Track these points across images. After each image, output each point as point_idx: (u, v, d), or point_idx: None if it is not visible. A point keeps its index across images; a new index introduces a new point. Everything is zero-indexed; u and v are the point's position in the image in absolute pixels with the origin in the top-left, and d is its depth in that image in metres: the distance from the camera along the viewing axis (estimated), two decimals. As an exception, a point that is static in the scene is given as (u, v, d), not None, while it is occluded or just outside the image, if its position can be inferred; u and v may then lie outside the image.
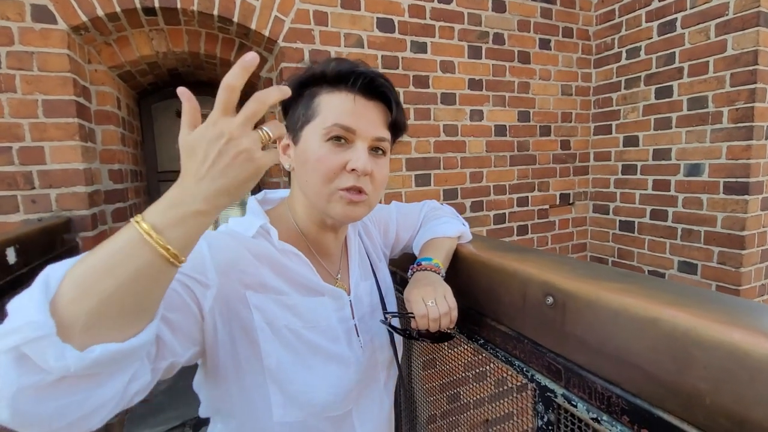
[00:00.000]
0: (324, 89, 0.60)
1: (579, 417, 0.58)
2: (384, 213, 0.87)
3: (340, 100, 0.59)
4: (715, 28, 1.95)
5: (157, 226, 0.39)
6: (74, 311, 0.36)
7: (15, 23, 1.45)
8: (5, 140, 1.47)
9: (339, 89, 0.59)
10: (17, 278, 1.17)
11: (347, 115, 0.58)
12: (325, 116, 0.59)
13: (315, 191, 0.60)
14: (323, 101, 0.60)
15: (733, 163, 1.94)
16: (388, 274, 0.84)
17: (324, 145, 0.58)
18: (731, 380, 0.40)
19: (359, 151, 0.58)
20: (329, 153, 0.58)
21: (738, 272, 1.94)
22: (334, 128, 0.58)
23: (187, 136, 0.41)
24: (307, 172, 0.60)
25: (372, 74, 0.59)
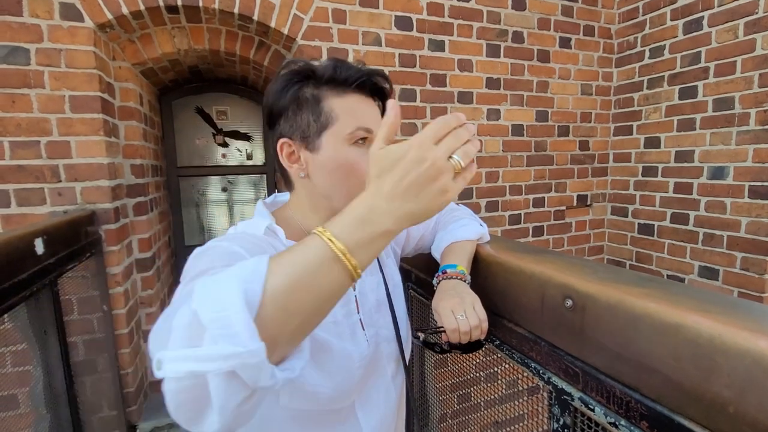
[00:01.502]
0: (329, 93, 0.60)
1: (596, 421, 0.57)
2: None
3: (354, 103, 0.60)
4: (744, 26, 1.89)
5: (349, 247, 0.39)
6: (280, 333, 0.37)
7: (44, 21, 1.50)
8: (34, 135, 1.52)
9: (346, 92, 0.60)
10: (45, 267, 1.21)
11: (367, 118, 0.60)
12: (344, 121, 0.60)
13: (350, 195, 0.49)
14: (335, 105, 0.60)
15: (760, 166, 1.88)
16: (397, 272, 0.84)
17: (351, 149, 0.60)
18: (757, 389, 0.39)
19: None
20: (362, 155, 0.60)
21: (762, 279, 1.88)
22: (358, 132, 0.60)
23: (382, 149, 0.42)
24: (339, 177, 0.61)
25: (375, 74, 0.61)
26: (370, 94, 0.63)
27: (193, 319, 0.35)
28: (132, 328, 1.79)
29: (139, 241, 1.90)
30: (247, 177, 2.75)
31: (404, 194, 0.40)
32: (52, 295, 1.31)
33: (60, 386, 1.37)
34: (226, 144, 2.67)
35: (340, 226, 0.40)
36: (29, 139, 1.52)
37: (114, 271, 1.68)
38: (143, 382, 1.89)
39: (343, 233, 0.40)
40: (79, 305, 1.60)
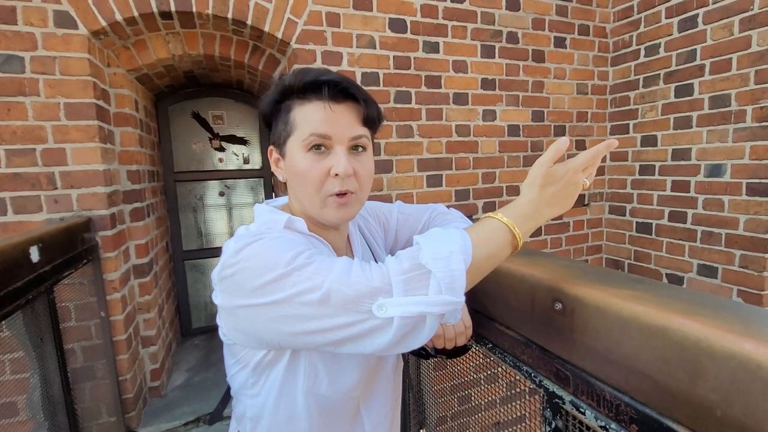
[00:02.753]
0: (296, 102, 0.63)
1: (587, 424, 0.57)
2: (385, 210, 0.88)
3: (312, 110, 0.61)
4: (739, 23, 1.89)
5: (521, 227, 0.57)
6: (468, 286, 0.53)
7: (38, 29, 1.50)
8: (29, 142, 1.52)
9: (309, 99, 0.62)
10: (40, 275, 1.21)
11: (321, 124, 0.61)
12: (302, 128, 0.62)
13: (308, 200, 0.64)
14: (298, 114, 0.62)
15: (757, 163, 1.88)
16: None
17: (306, 155, 0.62)
18: (743, 392, 0.39)
19: (339, 156, 0.61)
20: (313, 163, 0.61)
21: (761, 276, 1.87)
22: (311, 138, 0.61)
23: (551, 168, 0.59)
24: (298, 183, 0.64)
25: (336, 80, 0.61)
26: (338, 99, 0.62)
27: (422, 271, 0.50)
28: (130, 334, 1.78)
29: (136, 246, 1.90)
30: (245, 181, 2.76)
31: (557, 202, 0.59)
32: (48, 303, 1.31)
33: (57, 393, 1.37)
34: (222, 148, 2.67)
35: (515, 219, 0.57)
36: (25, 146, 1.52)
37: (111, 278, 1.68)
38: (142, 387, 1.89)
39: (518, 223, 0.56)
40: (76, 312, 1.60)
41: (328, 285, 0.51)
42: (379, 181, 2.01)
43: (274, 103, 0.65)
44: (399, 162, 2.04)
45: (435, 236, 0.54)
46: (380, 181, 2.01)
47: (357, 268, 0.52)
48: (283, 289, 0.52)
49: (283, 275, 0.52)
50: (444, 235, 0.53)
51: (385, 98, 1.98)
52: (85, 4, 1.54)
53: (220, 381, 2.12)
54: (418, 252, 0.51)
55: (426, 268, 0.50)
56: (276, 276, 0.52)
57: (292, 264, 0.52)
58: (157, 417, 1.84)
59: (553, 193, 0.58)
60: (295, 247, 0.55)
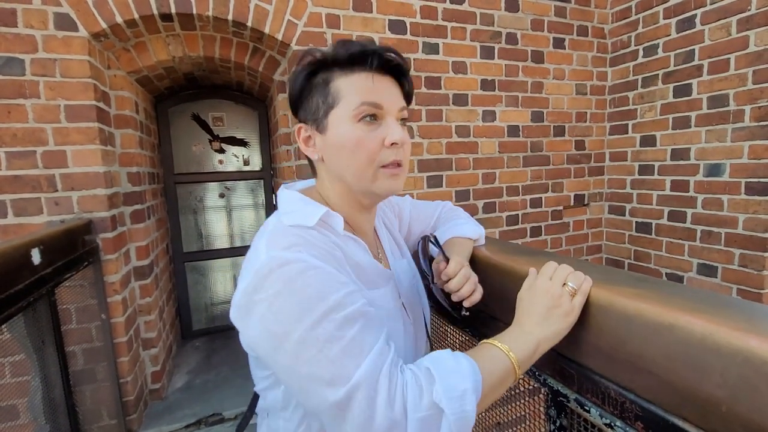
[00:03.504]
0: (337, 74, 0.59)
1: (592, 422, 0.57)
2: (399, 202, 0.88)
3: (359, 81, 0.59)
4: (737, 24, 1.90)
5: (520, 366, 0.55)
6: (483, 403, 0.51)
7: (39, 31, 1.50)
8: (30, 144, 1.52)
9: (353, 71, 0.59)
10: (41, 278, 1.21)
11: (371, 92, 0.58)
12: (349, 99, 0.58)
13: (358, 173, 0.60)
14: (342, 85, 0.59)
15: (756, 162, 1.88)
16: (411, 258, 0.84)
17: (357, 126, 0.58)
18: (748, 388, 0.39)
19: (392, 125, 0.59)
20: (366, 133, 0.58)
21: (761, 275, 1.88)
22: (363, 107, 0.58)
23: (523, 292, 0.61)
24: (346, 156, 0.59)
25: (382, 51, 0.59)
26: (383, 71, 0.60)
27: (436, 411, 0.47)
28: (131, 336, 1.78)
29: (137, 248, 1.90)
30: (245, 183, 2.76)
31: (543, 321, 0.57)
32: (49, 305, 1.31)
33: (59, 396, 1.37)
34: (222, 150, 2.67)
35: (518, 353, 0.55)
36: (25, 149, 1.52)
37: (112, 280, 1.68)
38: (143, 390, 1.89)
39: (518, 356, 0.55)
40: (77, 314, 1.60)
41: (354, 386, 0.46)
42: (379, 182, 2.01)
43: (308, 76, 0.61)
44: (399, 163, 2.04)
45: (448, 369, 0.50)
46: (380, 182, 2.01)
47: (385, 378, 0.47)
48: (303, 351, 0.47)
49: (305, 339, 0.47)
50: (457, 368, 0.50)
51: (385, 99, 1.98)
52: (86, 6, 1.54)
53: (221, 383, 2.11)
54: (432, 386, 0.48)
55: (440, 407, 0.47)
56: (299, 336, 0.47)
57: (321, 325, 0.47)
58: (158, 419, 1.83)
59: (536, 315, 0.58)
60: (333, 293, 0.49)
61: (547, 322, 0.57)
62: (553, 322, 0.57)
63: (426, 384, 0.48)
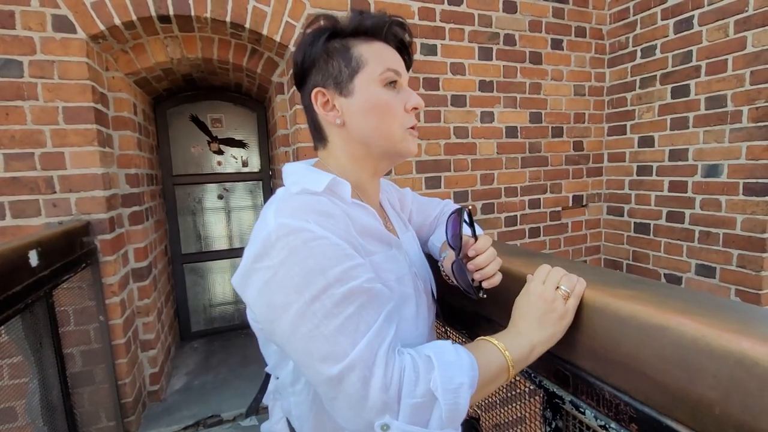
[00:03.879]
0: (356, 40, 0.62)
1: (587, 424, 0.57)
2: (401, 189, 0.88)
3: (381, 49, 0.63)
4: (735, 24, 1.90)
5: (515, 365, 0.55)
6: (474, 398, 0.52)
7: (37, 33, 1.50)
8: (28, 146, 1.52)
9: (374, 39, 0.63)
10: (39, 279, 1.21)
11: (392, 60, 0.63)
12: (374, 64, 0.61)
13: (389, 134, 0.63)
14: (365, 51, 0.61)
15: (754, 163, 1.89)
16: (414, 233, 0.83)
17: (384, 90, 0.62)
18: (740, 390, 0.39)
19: (411, 92, 0.64)
20: (394, 97, 0.62)
21: (759, 276, 1.88)
22: (388, 73, 0.61)
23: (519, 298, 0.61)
24: (375, 118, 0.61)
25: (397, 24, 0.64)
26: (394, 42, 0.65)
27: (430, 398, 0.48)
28: (129, 337, 1.78)
29: (135, 250, 1.90)
30: (244, 184, 2.76)
31: (537, 325, 0.57)
32: (47, 307, 1.31)
33: (57, 398, 1.37)
34: (221, 151, 2.67)
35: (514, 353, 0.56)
36: (23, 151, 1.52)
37: (110, 281, 1.68)
38: (141, 392, 1.89)
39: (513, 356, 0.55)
40: (75, 316, 1.60)
41: (348, 365, 0.46)
42: (377, 183, 2.01)
43: (325, 41, 0.62)
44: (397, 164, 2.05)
45: (448, 360, 0.51)
46: (379, 183, 2.02)
47: (381, 360, 0.48)
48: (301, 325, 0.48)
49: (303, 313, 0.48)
50: (457, 362, 0.51)
51: (384, 101, 1.98)
52: (84, 8, 1.54)
53: (219, 385, 2.11)
54: (431, 374, 0.49)
55: (434, 396, 0.48)
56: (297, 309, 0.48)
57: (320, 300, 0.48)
58: (157, 421, 1.83)
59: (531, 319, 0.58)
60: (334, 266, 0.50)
61: (541, 326, 0.57)
62: (547, 326, 0.57)
63: (424, 371, 0.49)
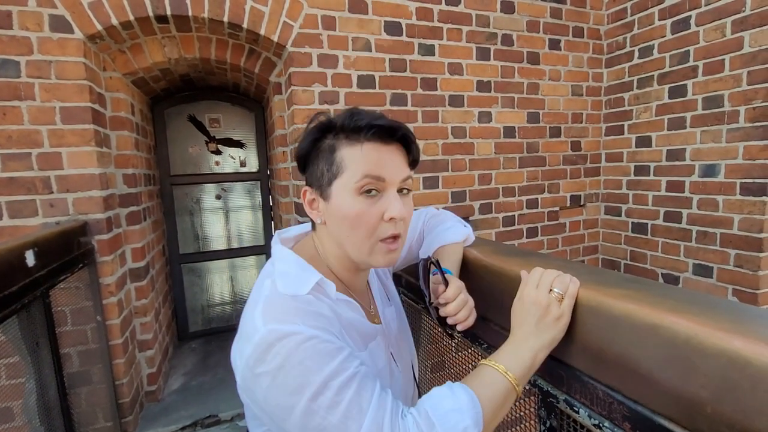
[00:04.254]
0: (343, 142, 0.60)
1: (581, 423, 0.57)
2: None
3: (364, 152, 0.58)
4: (732, 25, 1.91)
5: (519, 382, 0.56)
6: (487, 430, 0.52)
7: (34, 33, 1.50)
8: (25, 146, 1.52)
9: (359, 141, 0.59)
10: (36, 279, 1.21)
11: (375, 166, 0.58)
12: (352, 170, 0.58)
13: (356, 246, 0.61)
14: (346, 155, 0.59)
15: (750, 163, 1.89)
16: (395, 291, 0.85)
17: (358, 199, 0.59)
18: (733, 389, 0.40)
19: (393, 199, 0.59)
20: (367, 207, 0.59)
21: (756, 275, 1.89)
22: (365, 180, 0.58)
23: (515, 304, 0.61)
24: (346, 228, 0.60)
25: (389, 124, 0.60)
26: (388, 141, 0.60)
27: None
28: (126, 338, 1.78)
29: (133, 250, 1.90)
30: (242, 184, 2.76)
31: (535, 331, 0.57)
32: (43, 307, 1.31)
33: (53, 398, 1.36)
34: (219, 151, 2.67)
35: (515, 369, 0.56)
36: (20, 151, 1.52)
37: (107, 281, 1.68)
38: (138, 392, 1.88)
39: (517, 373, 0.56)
40: (72, 316, 1.59)
41: None
42: (375, 183, 2.01)
43: (315, 141, 0.62)
44: (395, 164, 2.05)
45: (446, 410, 0.51)
46: (377, 183, 2.02)
47: (387, 427, 0.49)
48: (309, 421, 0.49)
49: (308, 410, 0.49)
50: (455, 407, 0.51)
51: (381, 101, 1.99)
52: (81, 8, 1.54)
53: (217, 385, 2.11)
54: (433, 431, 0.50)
55: None
56: (303, 407, 0.49)
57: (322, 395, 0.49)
58: (154, 421, 1.83)
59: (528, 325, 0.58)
60: (329, 362, 0.51)
61: (539, 332, 0.57)
62: (545, 330, 0.57)
63: (426, 428, 0.50)
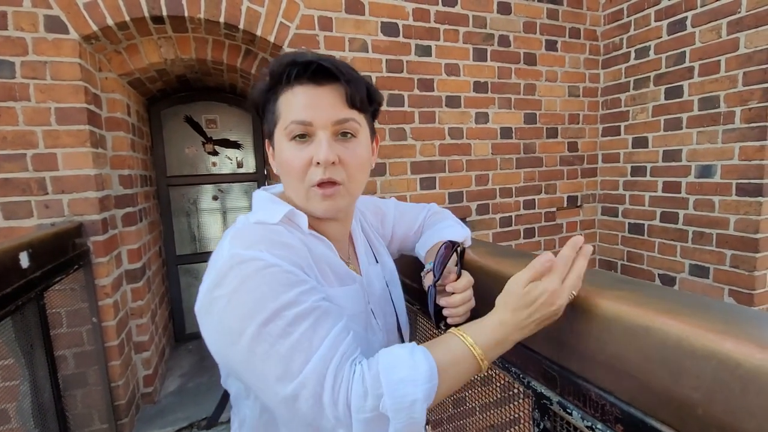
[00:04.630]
0: (281, 89, 0.59)
1: (574, 425, 0.57)
2: (382, 205, 0.88)
3: (293, 96, 0.58)
4: (727, 26, 1.92)
5: (488, 356, 0.53)
6: (436, 401, 0.50)
7: (29, 34, 1.50)
8: (20, 147, 1.52)
9: (291, 85, 0.58)
10: (30, 281, 1.20)
11: (301, 109, 0.57)
12: (284, 117, 0.59)
13: (294, 192, 0.61)
14: (281, 102, 0.59)
15: (746, 164, 1.90)
16: (391, 260, 0.84)
17: (289, 144, 0.59)
18: (723, 390, 0.39)
19: (320, 143, 0.57)
20: (294, 152, 0.58)
21: (752, 276, 1.89)
22: (291, 126, 0.58)
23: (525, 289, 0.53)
24: (284, 174, 0.61)
25: (312, 59, 0.57)
26: (320, 82, 0.58)
27: (380, 416, 0.47)
28: (122, 339, 1.77)
29: (128, 251, 1.89)
30: (239, 185, 2.75)
31: (531, 325, 0.53)
32: (38, 309, 1.30)
33: (48, 400, 1.36)
34: (216, 152, 2.66)
35: (482, 342, 0.53)
36: (15, 152, 1.51)
37: (103, 283, 1.67)
38: (134, 394, 1.88)
39: (484, 348, 0.52)
40: (67, 318, 1.59)
41: (301, 382, 0.47)
42: (372, 184, 2.01)
43: (264, 93, 0.62)
44: (392, 165, 2.05)
45: (400, 378, 0.48)
46: (374, 184, 2.02)
47: (331, 375, 0.47)
48: (256, 347, 0.48)
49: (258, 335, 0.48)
50: (411, 376, 0.48)
51: (378, 101, 1.99)
52: (76, 9, 1.54)
53: (214, 386, 2.10)
54: (379, 395, 0.47)
55: (386, 416, 0.47)
56: (252, 332, 0.48)
57: (273, 322, 0.48)
58: (150, 423, 1.82)
59: (525, 317, 0.52)
60: (286, 292, 0.50)
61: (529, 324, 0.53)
62: (536, 325, 0.53)
63: (372, 388, 0.47)
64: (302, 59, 0.57)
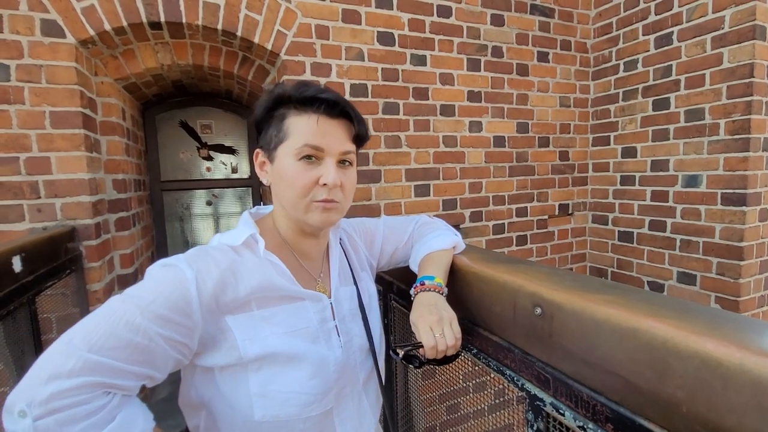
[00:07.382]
0: (292, 112, 0.66)
1: (567, 425, 0.59)
2: (371, 225, 0.91)
3: (307, 122, 0.65)
4: (711, 41, 1.98)
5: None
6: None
7: (25, 37, 1.50)
8: (13, 151, 1.51)
9: (306, 111, 0.66)
10: (22, 286, 1.19)
11: (314, 136, 0.65)
12: (295, 138, 0.65)
13: (292, 204, 0.67)
14: (292, 123, 0.66)
15: (731, 174, 1.95)
16: (372, 284, 0.86)
17: (297, 163, 0.65)
18: (705, 389, 0.42)
19: (329, 167, 0.66)
20: (303, 170, 0.65)
21: (737, 283, 1.94)
22: (304, 149, 0.65)
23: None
24: (285, 187, 0.67)
25: (334, 98, 0.66)
26: (332, 115, 0.67)
27: None
28: (113, 345, 1.75)
29: (121, 256, 1.88)
30: (233, 190, 2.75)
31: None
32: (29, 314, 1.29)
33: (37, 407, 1.34)
34: (210, 157, 2.67)
35: None
36: (8, 155, 1.50)
37: (95, 288, 1.66)
38: (125, 400, 1.85)
39: None
40: (58, 323, 1.57)
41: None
42: (367, 190, 2.03)
43: (268, 110, 0.68)
44: (387, 172, 2.07)
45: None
46: (368, 190, 2.03)
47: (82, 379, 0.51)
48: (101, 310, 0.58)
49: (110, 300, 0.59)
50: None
51: (374, 109, 2.01)
52: (74, 13, 1.54)
53: (205, 393, 2.08)
54: None
55: None
56: (112, 299, 0.58)
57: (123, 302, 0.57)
58: (140, 431, 1.79)
59: None
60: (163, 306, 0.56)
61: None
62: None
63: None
64: (325, 95, 0.66)
